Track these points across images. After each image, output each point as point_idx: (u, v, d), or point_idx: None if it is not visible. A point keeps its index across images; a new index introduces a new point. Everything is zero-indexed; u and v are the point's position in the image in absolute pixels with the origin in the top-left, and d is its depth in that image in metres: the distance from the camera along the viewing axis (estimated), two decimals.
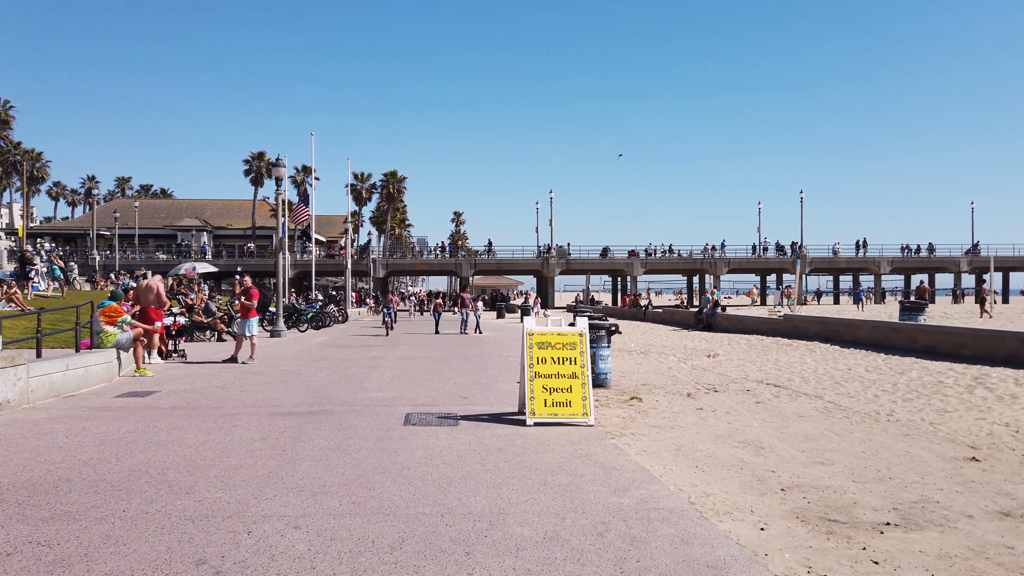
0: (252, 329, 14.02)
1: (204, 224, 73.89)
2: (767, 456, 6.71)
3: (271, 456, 6.10)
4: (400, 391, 10.33)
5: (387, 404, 9.09)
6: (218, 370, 12.74)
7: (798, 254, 57.63)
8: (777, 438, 7.57)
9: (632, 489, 5.17)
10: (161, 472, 5.53)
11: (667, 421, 8.44)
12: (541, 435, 7.11)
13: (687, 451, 6.84)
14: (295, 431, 7.22)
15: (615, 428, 7.82)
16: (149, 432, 7.13)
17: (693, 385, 11.95)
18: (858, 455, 6.79)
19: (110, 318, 11.36)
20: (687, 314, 33.17)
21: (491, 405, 9.07)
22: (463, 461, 5.99)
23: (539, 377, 7.79)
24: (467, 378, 11.98)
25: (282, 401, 9.27)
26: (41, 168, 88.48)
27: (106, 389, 10.19)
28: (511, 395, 9.86)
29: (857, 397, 10.65)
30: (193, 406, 8.83)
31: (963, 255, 69.28)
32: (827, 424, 8.42)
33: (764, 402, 10.12)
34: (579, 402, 7.73)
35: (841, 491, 5.49)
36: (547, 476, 5.51)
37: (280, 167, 23.42)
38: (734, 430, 7.96)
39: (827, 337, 20.56)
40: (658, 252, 66.55)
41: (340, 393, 10.05)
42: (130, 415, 8.11)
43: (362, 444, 6.61)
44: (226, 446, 6.49)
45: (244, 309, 14.16)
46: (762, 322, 25.51)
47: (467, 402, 9.31)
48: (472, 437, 6.98)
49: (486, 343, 20.99)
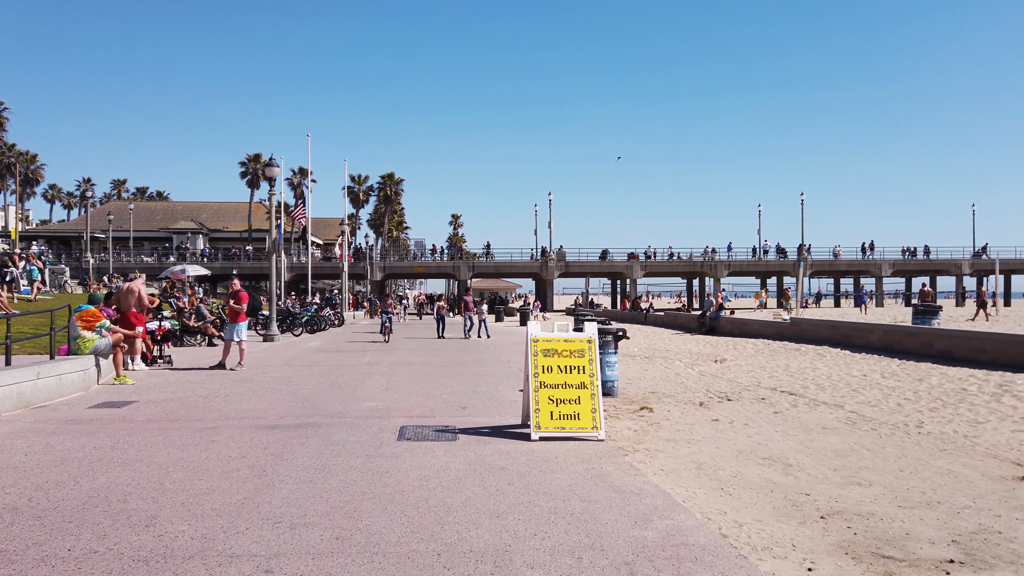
0: (241, 334, 13.38)
1: (200, 227, 73.20)
2: (797, 475, 6.10)
3: (248, 478, 5.48)
4: (395, 400, 9.70)
5: (380, 415, 8.46)
6: (204, 377, 12.10)
7: (802, 256, 57.11)
8: (804, 453, 6.96)
9: (655, 519, 4.55)
10: (122, 498, 4.90)
11: (682, 434, 7.82)
12: (548, 451, 6.49)
13: (709, 470, 6.23)
14: (278, 447, 6.59)
15: (627, 443, 7.20)
16: (118, 449, 6.49)
17: (704, 393, 11.33)
18: (896, 474, 6.18)
19: (88, 323, 10.73)
20: (689, 317, 32.58)
21: (492, 416, 8.45)
22: (462, 483, 5.37)
23: (544, 387, 7.17)
24: (466, 386, 11.36)
25: (268, 412, 8.63)
26: (36, 170, 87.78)
27: (81, 399, 9.56)
28: (513, 405, 9.24)
29: (879, 406, 10.05)
30: (171, 418, 8.20)
31: (965, 257, 68.80)
32: (855, 437, 7.81)
33: (782, 412, 9.51)
34: (588, 414, 7.12)
35: (888, 519, 4.87)
36: (557, 502, 4.89)
37: (273, 167, 22.80)
38: (756, 444, 7.35)
39: (836, 341, 19.97)
40: (657, 255, 65.97)
41: (331, 403, 9.42)
42: (101, 429, 7.48)
43: (351, 463, 5.99)
44: (200, 465, 5.86)
45: (233, 313, 13.53)
46: (767, 326, 24.91)
47: (466, 413, 8.69)
48: (472, 454, 6.36)
49: (484, 348, 20.37)
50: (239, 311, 13.39)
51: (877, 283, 66.89)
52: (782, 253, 65.22)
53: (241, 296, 13.50)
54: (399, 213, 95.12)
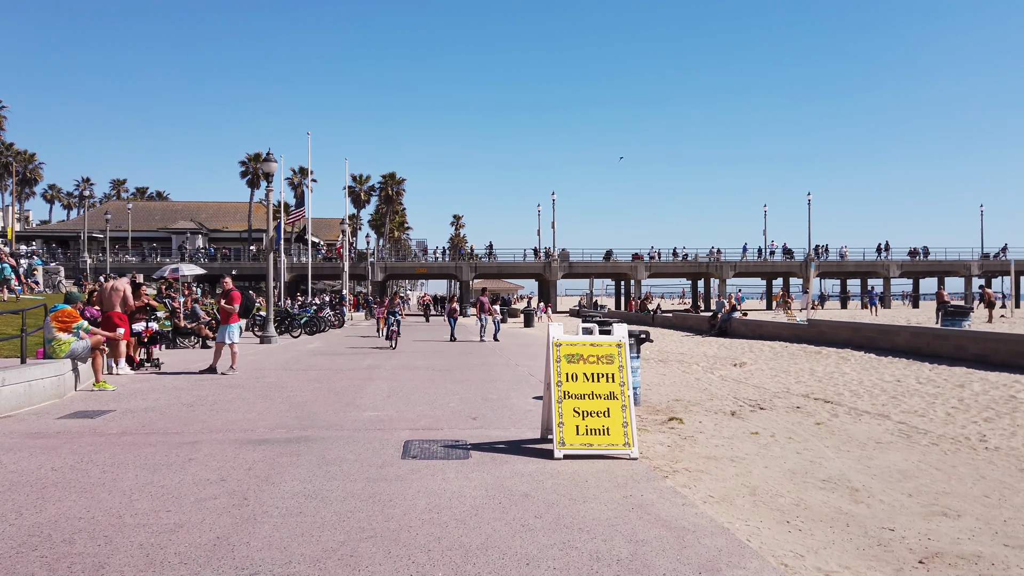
0: (233, 336, 12.51)
1: (199, 227, 72.39)
2: (869, 503, 5.22)
3: (226, 509, 4.61)
4: (398, 409, 8.83)
5: (382, 427, 7.59)
6: (192, 383, 11.23)
7: (810, 257, 56.18)
8: (866, 474, 6.08)
9: (723, 568, 3.67)
10: (69, 538, 4.03)
11: (722, 450, 6.95)
12: (576, 473, 5.62)
13: (765, 496, 5.35)
14: (265, 468, 5.73)
15: (663, 461, 6.33)
16: (79, 470, 5.63)
17: (733, 401, 10.46)
18: (983, 501, 5.31)
19: (63, 324, 9.87)
20: (699, 319, 31.68)
21: (507, 428, 7.58)
22: (480, 516, 4.51)
23: (569, 398, 6.30)
24: (475, 392, 10.49)
25: (257, 423, 7.76)
26: (34, 170, 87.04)
27: (53, 408, 8.69)
28: (529, 415, 8.37)
29: (928, 416, 9.17)
30: (148, 431, 7.33)
31: (974, 259, 67.86)
32: (916, 454, 6.93)
33: (824, 423, 8.63)
34: (619, 428, 6.24)
35: (1001, 564, 4.01)
36: (598, 543, 4.02)
37: (271, 162, 21.94)
38: (808, 463, 6.48)
39: (859, 344, 19.08)
40: (662, 255, 65.10)
41: (328, 412, 8.55)
42: (66, 444, 6.61)
43: (348, 489, 5.12)
44: (171, 492, 5.00)
45: (224, 314, 12.66)
46: (783, 328, 24.02)
47: (477, 424, 7.81)
48: (489, 477, 5.49)
49: (491, 351, 19.50)
50: (231, 312, 12.52)
51: (885, 284, 65.93)
52: (789, 254, 64.28)
53: (232, 296, 12.63)
54: (400, 213, 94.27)
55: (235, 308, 12.58)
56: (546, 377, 6.63)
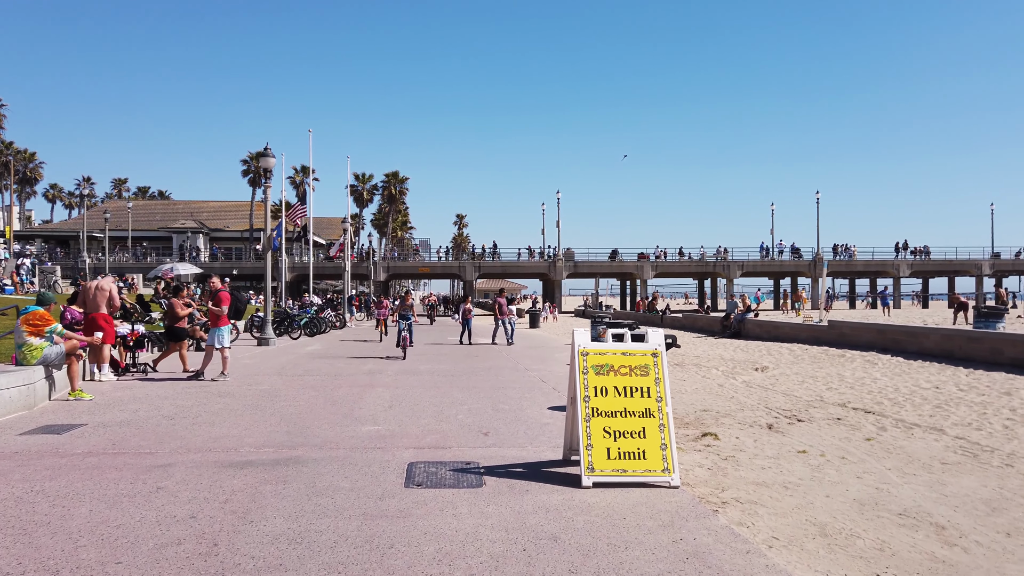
0: (223, 340, 11.67)
1: (200, 226, 71.64)
2: (964, 546, 4.36)
3: (190, 559, 3.76)
4: (400, 423, 7.98)
5: (382, 445, 6.74)
6: (177, 391, 10.39)
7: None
8: (946, 506, 5.22)
9: None
10: None
11: (772, 474, 6.08)
12: (611, 507, 4.76)
13: (839, 537, 4.49)
14: (244, 500, 4.88)
15: (708, 489, 5.47)
16: (26, 503, 4.78)
17: (765, 411, 9.59)
18: None
19: (35, 327, 9.03)
20: (710, 319, 30.79)
21: (523, 447, 6.72)
22: (501, 569, 3.65)
23: (599, 415, 5.44)
24: (484, 401, 9.64)
25: (242, 440, 6.92)
26: (34, 169, 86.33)
27: (18, 421, 7.85)
28: (546, 429, 7.52)
29: (985, 430, 8.28)
30: (118, 450, 6.49)
31: (984, 258, 66.84)
32: (993, 479, 6.05)
33: (874, 438, 7.76)
34: (656, 451, 5.38)
35: None
36: None
37: (268, 157, 21.11)
38: (874, 491, 5.61)
39: (884, 347, 18.17)
40: (668, 255, 64.17)
41: (323, 426, 7.70)
42: (19, 468, 5.77)
43: (340, 530, 4.27)
44: (128, 534, 4.15)
45: (213, 316, 11.82)
46: (800, 329, 23.11)
47: (490, 441, 6.96)
48: (508, 512, 4.64)
49: (498, 354, 18.65)
50: (220, 314, 11.68)
51: (895, 284, 64.91)
52: (797, 253, 63.32)
53: (220, 297, 11.78)
54: (404, 213, 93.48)
55: (223, 310, 11.73)
56: (570, 390, 5.78)
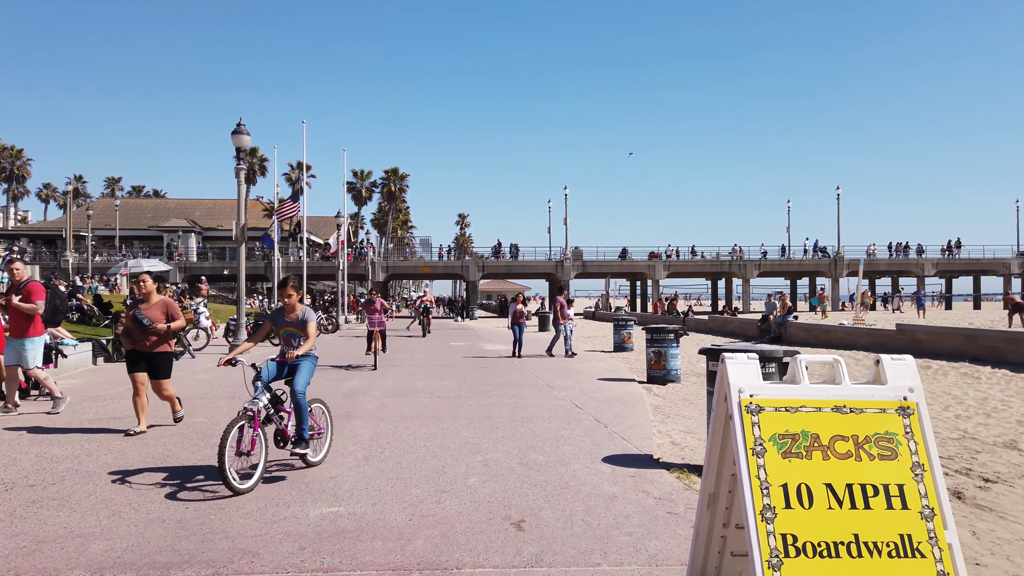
0: (34, 358, 8.24)
1: (192, 225, 68.84)
2: None
3: None
4: (375, 499, 4.93)
5: (337, 557, 3.71)
6: (49, 441, 7.36)
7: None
8: None
9: None
10: None
11: None
12: None
13: None
14: None
15: None
16: None
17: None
18: None
19: None
20: (742, 322, 27.71)
21: (588, 555, 3.67)
22: None
23: (803, 553, 2.40)
24: (506, 446, 6.60)
25: (76, 558, 3.89)
26: (22, 166, 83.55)
27: None
28: (613, 505, 4.48)
29: None
30: None
31: (1012, 256, 63.70)
32: None
33: None
34: None
35: None
36: None
37: (242, 135, 18.09)
38: None
39: (975, 356, 15.11)
40: (681, 254, 61.13)
41: (241, 515, 4.66)
42: None
43: None
44: None
45: (17, 319, 8.15)
46: (858, 334, 20.00)
47: (527, 541, 3.92)
48: None
49: (508, 366, 15.60)
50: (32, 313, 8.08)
51: (919, 284, 61.80)
52: (822, 252, 60.20)
53: (30, 289, 8.14)
54: (404, 211, 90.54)
55: (38, 307, 8.13)
56: (711, 483, 2.75)
